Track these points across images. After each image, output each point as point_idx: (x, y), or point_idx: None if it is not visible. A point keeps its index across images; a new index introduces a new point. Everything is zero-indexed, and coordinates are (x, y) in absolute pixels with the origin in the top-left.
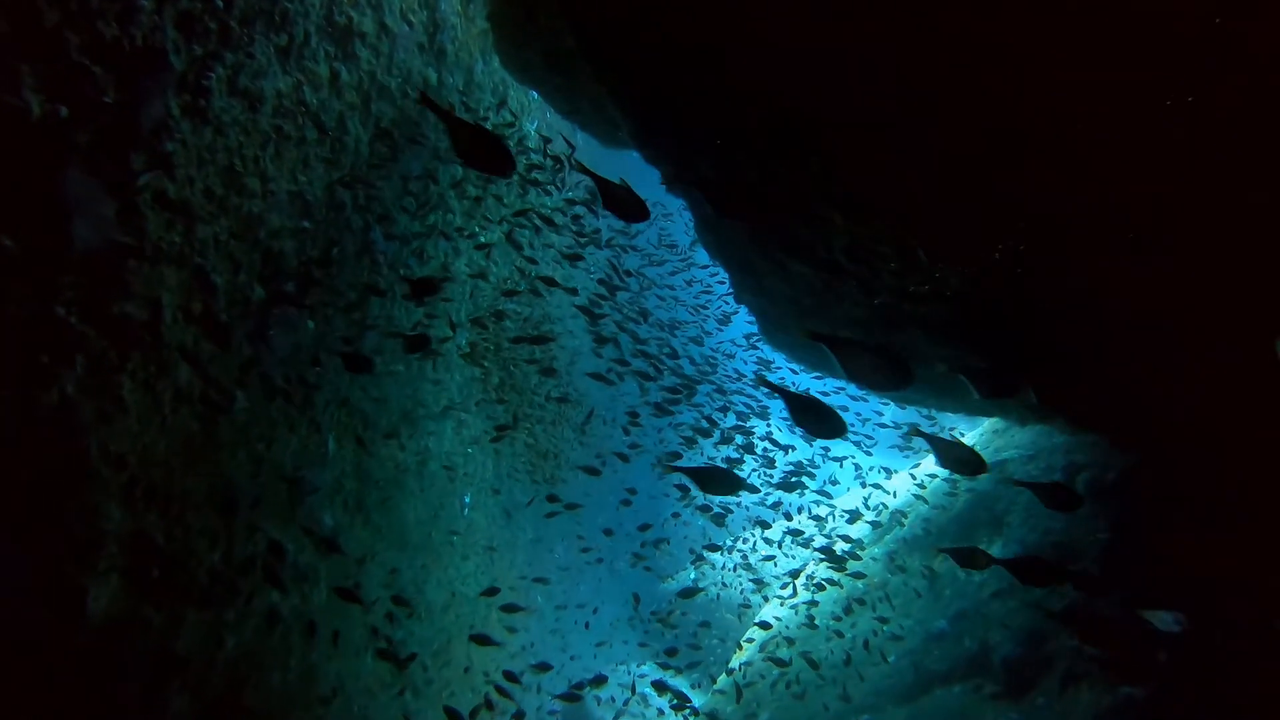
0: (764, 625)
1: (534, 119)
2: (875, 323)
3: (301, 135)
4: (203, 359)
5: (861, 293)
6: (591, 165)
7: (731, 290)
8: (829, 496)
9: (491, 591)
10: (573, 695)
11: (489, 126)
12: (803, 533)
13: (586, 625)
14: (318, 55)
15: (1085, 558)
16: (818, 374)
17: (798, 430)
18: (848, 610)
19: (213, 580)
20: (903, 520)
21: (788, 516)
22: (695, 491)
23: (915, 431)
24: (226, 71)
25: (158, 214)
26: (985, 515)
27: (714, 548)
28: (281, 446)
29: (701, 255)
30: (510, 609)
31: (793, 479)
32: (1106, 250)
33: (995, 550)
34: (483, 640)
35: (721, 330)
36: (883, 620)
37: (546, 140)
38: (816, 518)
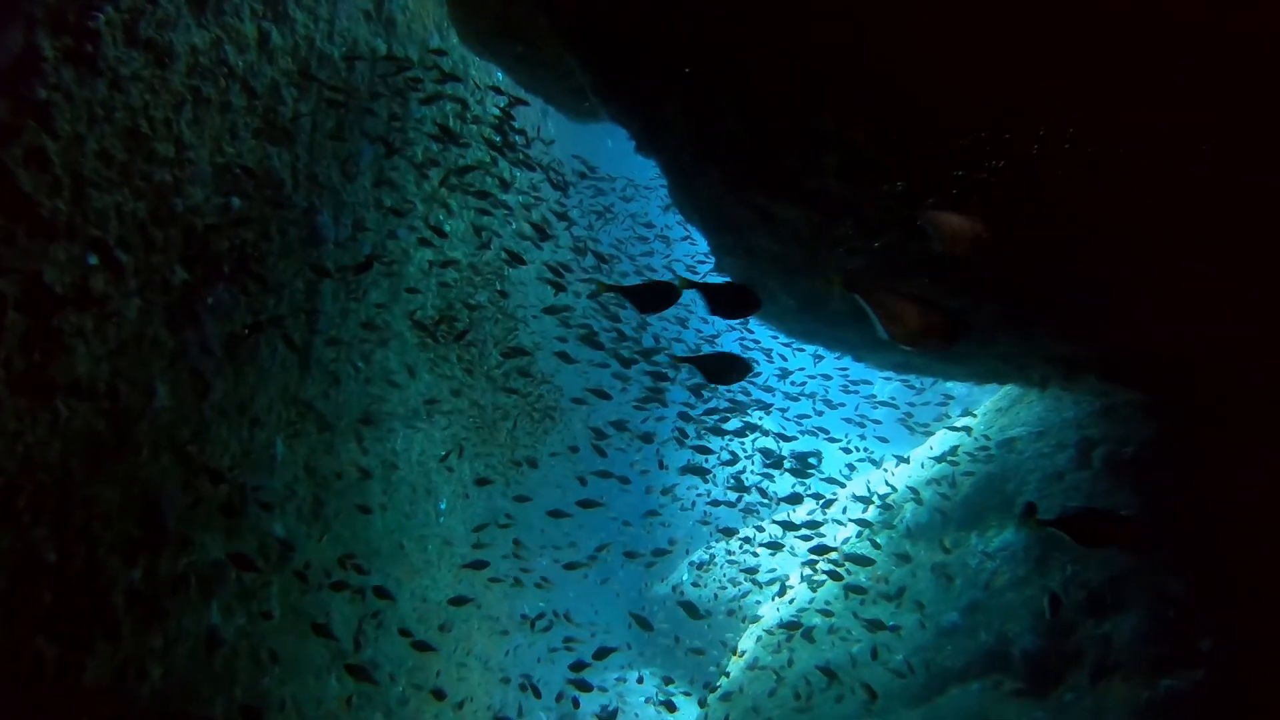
0: (763, 627)
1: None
2: (876, 273)
3: (226, 100)
4: (108, 347)
5: (859, 235)
6: (565, 145)
7: (712, 258)
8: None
9: (460, 600)
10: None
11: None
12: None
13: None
14: (241, 11)
15: None
16: (802, 346)
17: (804, 423)
18: (852, 600)
19: (132, 603)
20: (915, 501)
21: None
22: (685, 490)
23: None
24: (121, 16)
25: (33, 175)
26: (995, 498)
27: (730, 531)
28: (217, 448)
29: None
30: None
31: (794, 468)
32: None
33: (1007, 536)
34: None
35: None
36: (880, 628)
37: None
38: (813, 524)
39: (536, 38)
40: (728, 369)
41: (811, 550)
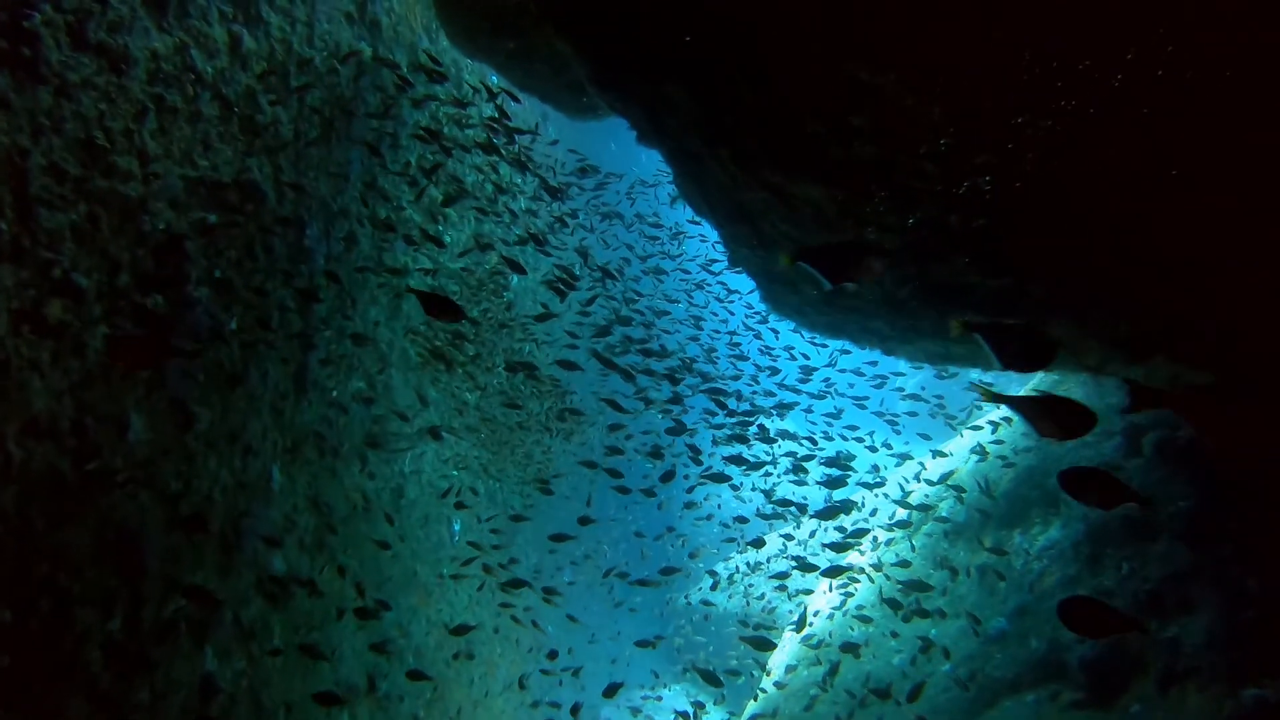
0: (804, 640)
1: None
2: (908, 255)
3: (195, 110)
4: (70, 379)
5: (890, 210)
6: (567, 147)
7: (726, 253)
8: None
9: (462, 629)
10: None
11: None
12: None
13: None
14: (208, 14)
15: (1165, 531)
16: (825, 342)
17: (833, 425)
18: (892, 609)
19: (111, 656)
20: (952, 500)
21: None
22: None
23: (987, 394)
24: (64, 18)
25: None
26: (1037, 493)
27: (759, 543)
28: (206, 481)
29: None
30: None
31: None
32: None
33: (1053, 533)
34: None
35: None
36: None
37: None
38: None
39: (528, 30)
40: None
41: (828, 573)
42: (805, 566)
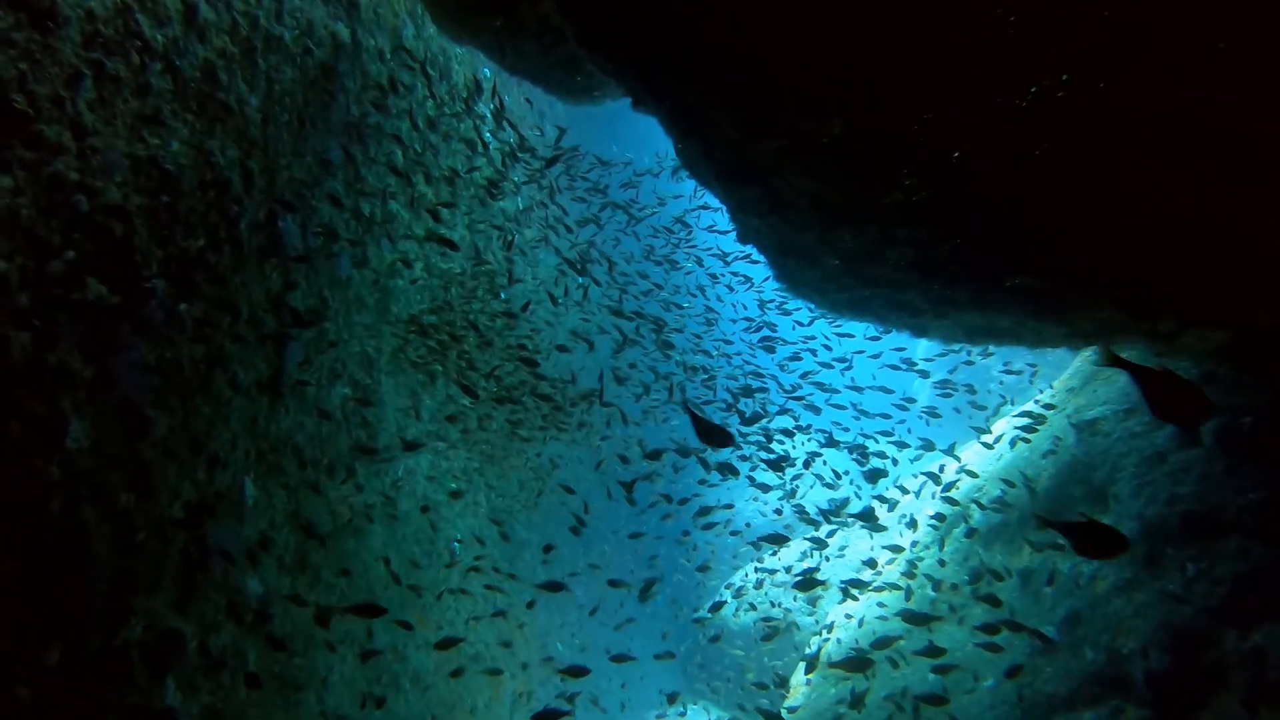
0: (819, 657)
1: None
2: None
3: (143, 81)
4: None
5: (927, 144)
6: (563, 132)
7: (735, 229)
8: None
9: (449, 642)
10: None
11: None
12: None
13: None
14: None
15: (1236, 528)
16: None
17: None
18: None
19: (44, 694)
20: (996, 494)
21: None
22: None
23: (1109, 356)
24: None
25: None
26: (1081, 490)
27: (779, 539)
28: (165, 495)
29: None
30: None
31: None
32: None
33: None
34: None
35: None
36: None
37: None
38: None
39: (515, 2)
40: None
41: (847, 584)
42: (809, 582)
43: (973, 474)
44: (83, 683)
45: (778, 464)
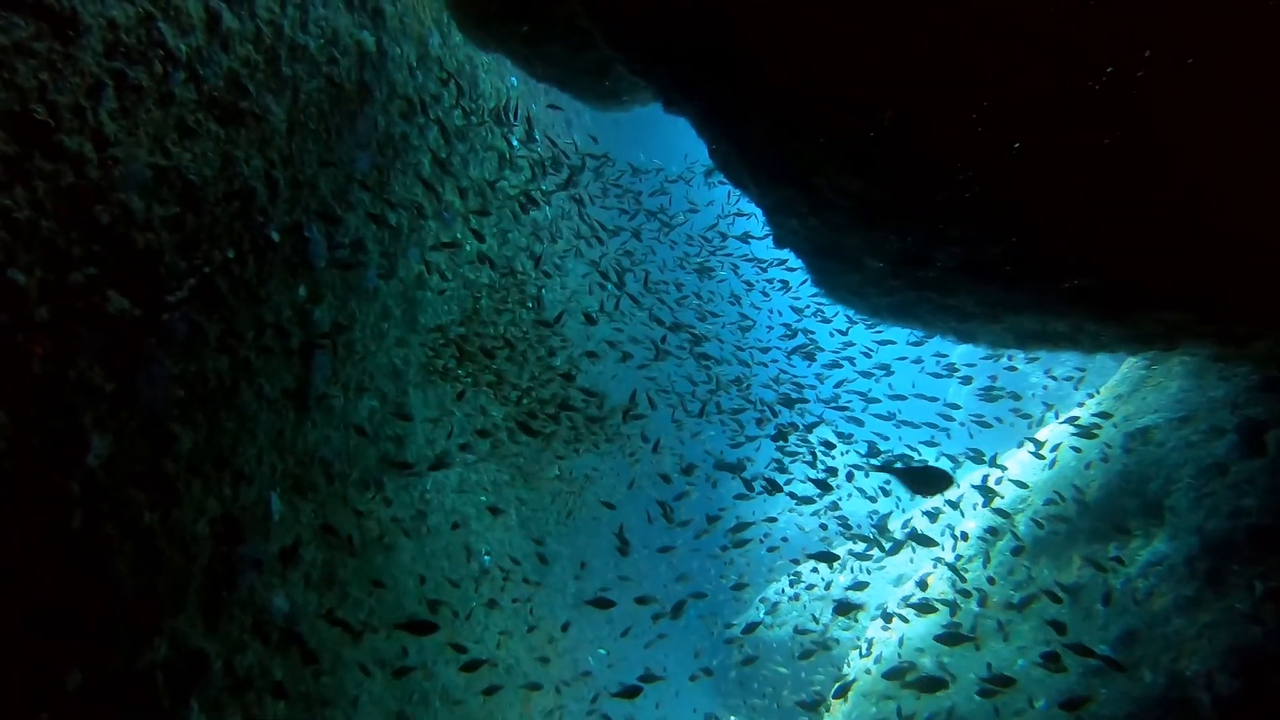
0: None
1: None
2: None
3: (167, 91)
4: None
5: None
6: (589, 144)
7: (771, 233)
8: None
9: (473, 665)
10: None
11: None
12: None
13: None
14: None
15: None
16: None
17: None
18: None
19: (66, 716)
20: (1043, 506)
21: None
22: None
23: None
24: None
25: None
26: (1134, 501)
27: (828, 557)
28: (190, 511)
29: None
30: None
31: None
32: None
33: (1159, 546)
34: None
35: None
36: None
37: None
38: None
39: (540, 6)
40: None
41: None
42: (846, 606)
43: (1021, 484)
44: (104, 706)
45: (825, 483)
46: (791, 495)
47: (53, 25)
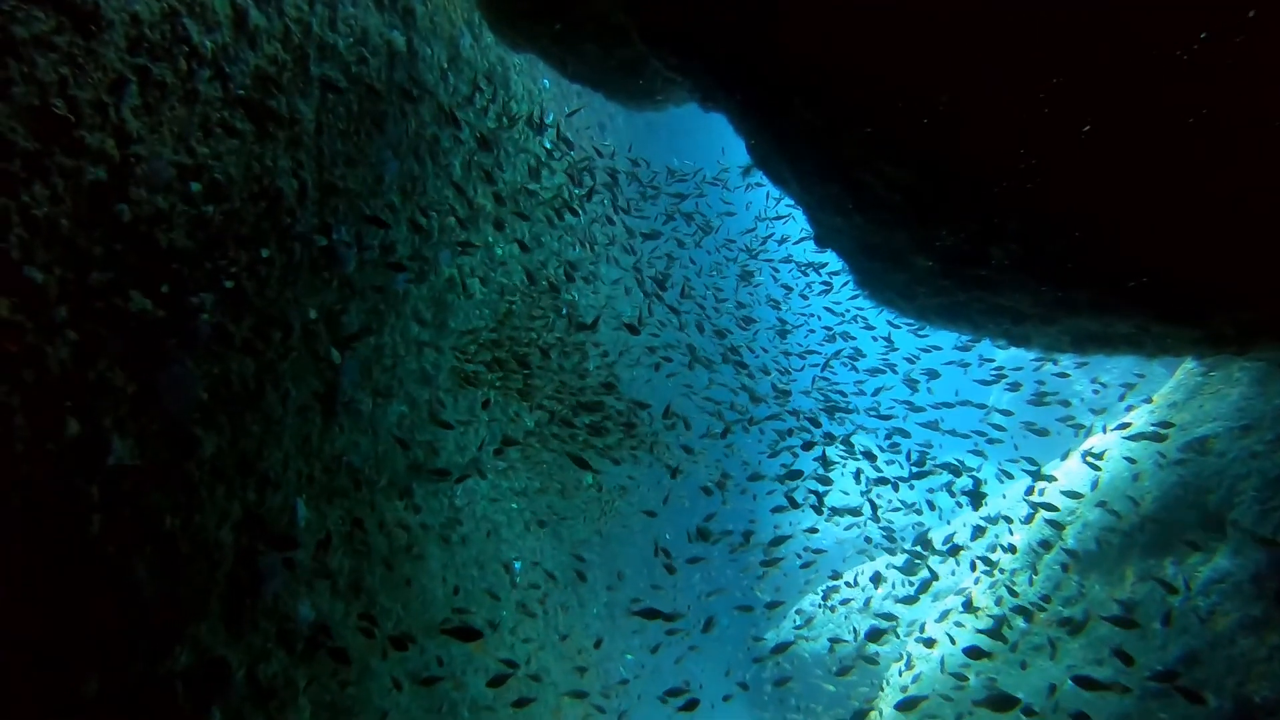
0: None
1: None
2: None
3: (191, 89)
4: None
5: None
6: (621, 147)
7: (813, 232)
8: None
9: (499, 680)
10: None
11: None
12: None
13: None
14: None
15: None
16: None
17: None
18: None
19: None
20: (1080, 520)
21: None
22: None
23: None
24: None
25: None
26: (1193, 514)
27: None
28: (212, 516)
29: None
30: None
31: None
32: None
33: (1221, 562)
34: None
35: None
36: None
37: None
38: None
39: (573, 1)
40: None
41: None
42: (878, 634)
43: (1074, 495)
44: (123, 715)
45: (875, 510)
46: (833, 511)
47: (74, 19)
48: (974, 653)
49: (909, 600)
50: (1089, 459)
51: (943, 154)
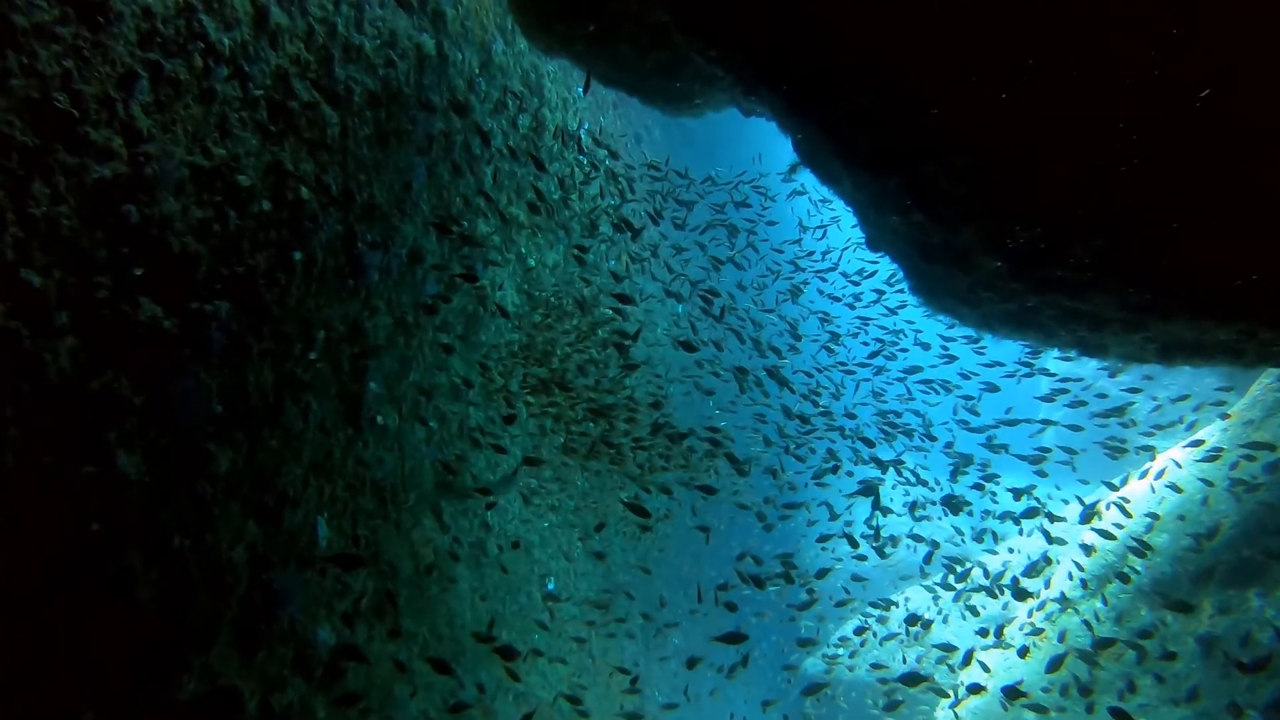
0: None
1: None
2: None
3: (208, 87)
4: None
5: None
6: (657, 154)
7: (864, 235)
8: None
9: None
10: None
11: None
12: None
13: None
14: None
15: None
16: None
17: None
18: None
19: None
20: (1134, 561)
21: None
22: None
23: None
24: None
25: None
26: (1276, 541)
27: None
28: (228, 536)
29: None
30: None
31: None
32: None
33: None
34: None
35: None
36: None
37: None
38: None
39: (606, 6)
40: None
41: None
42: (914, 678)
43: (1153, 515)
44: None
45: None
46: (877, 550)
47: (79, 10)
48: (1015, 693)
49: (965, 630)
50: (1160, 481)
51: (1022, 136)
